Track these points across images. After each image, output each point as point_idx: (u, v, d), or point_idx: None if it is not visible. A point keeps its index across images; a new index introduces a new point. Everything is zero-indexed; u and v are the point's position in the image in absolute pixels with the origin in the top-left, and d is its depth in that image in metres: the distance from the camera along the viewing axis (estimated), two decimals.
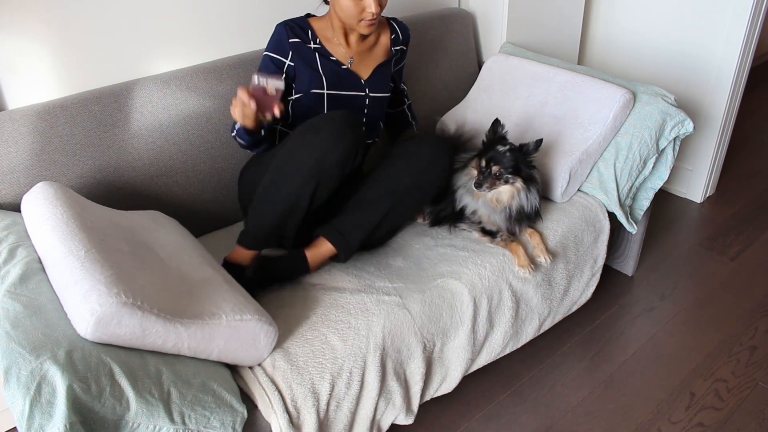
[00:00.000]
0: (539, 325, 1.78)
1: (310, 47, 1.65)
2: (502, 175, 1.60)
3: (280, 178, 1.45)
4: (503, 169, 1.59)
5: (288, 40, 1.62)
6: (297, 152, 1.43)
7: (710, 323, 2.06)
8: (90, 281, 1.07)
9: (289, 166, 1.44)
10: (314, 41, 1.66)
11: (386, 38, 1.77)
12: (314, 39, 1.66)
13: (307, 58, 1.64)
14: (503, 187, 1.63)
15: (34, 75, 1.58)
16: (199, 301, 1.21)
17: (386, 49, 1.77)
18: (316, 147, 1.41)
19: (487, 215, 1.68)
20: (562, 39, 2.59)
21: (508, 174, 1.60)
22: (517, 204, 1.65)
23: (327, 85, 1.64)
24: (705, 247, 2.46)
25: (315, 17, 1.70)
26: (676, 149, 1.94)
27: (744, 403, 1.76)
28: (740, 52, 2.39)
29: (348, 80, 1.68)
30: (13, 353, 1.02)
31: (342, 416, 1.37)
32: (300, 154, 1.43)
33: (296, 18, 1.68)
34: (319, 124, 1.43)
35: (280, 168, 1.46)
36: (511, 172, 1.60)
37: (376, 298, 1.48)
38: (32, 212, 1.29)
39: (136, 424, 1.04)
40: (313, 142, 1.41)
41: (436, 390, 1.59)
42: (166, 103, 1.68)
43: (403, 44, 1.80)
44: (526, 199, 1.65)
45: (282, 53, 1.63)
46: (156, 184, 1.70)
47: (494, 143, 1.64)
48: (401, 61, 1.84)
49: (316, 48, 1.65)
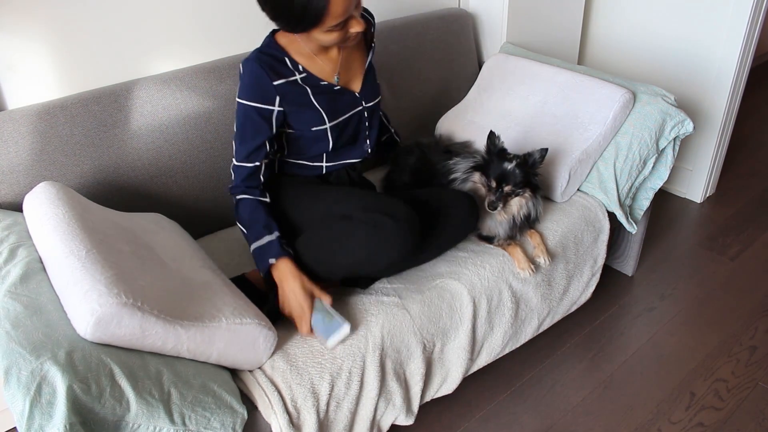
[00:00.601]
0: (538, 324, 1.78)
1: (297, 80, 1.43)
2: (514, 192, 1.61)
3: (334, 258, 1.40)
4: (515, 186, 1.59)
5: (271, 83, 1.39)
6: (357, 250, 1.37)
7: (710, 323, 2.06)
8: (90, 281, 1.07)
9: (345, 256, 1.39)
10: (297, 70, 1.43)
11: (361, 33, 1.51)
12: (296, 67, 1.43)
13: (297, 100, 1.43)
14: (513, 200, 1.64)
15: (34, 75, 1.58)
16: (200, 303, 1.21)
17: (362, 46, 1.58)
18: (383, 259, 1.37)
19: (489, 226, 1.67)
20: (562, 39, 2.59)
21: (519, 189, 1.61)
22: (524, 212, 1.66)
23: (328, 119, 1.49)
24: (705, 247, 2.46)
25: (279, 32, 1.46)
26: (676, 149, 1.94)
27: (744, 403, 1.76)
28: (740, 52, 2.39)
29: (343, 101, 1.52)
30: (14, 353, 1.02)
31: (342, 416, 1.37)
32: (359, 253, 1.37)
33: (264, 47, 1.43)
34: (387, 233, 1.35)
35: (338, 251, 1.39)
36: (521, 186, 1.61)
37: (374, 298, 1.48)
38: (34, 212, 1.29)
39: (137, 425, 1.04)
40: (379, 248, 1.36)
41: (437, 391, 1.59)
42: (166, 103, 1.68)
43: (372, 34, 1.61)
44: (533, 206, 1.67)
45: (267, 101, 1.40)
46: (156, 184, 1.70)
47: (496, 156, 1.62)
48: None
49: (302, 78, 1.44)
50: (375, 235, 1.35)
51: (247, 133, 1.44)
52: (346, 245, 1.38)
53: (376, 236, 1.35)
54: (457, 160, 1.74)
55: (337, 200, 1.49)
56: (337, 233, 1.40)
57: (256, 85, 1.40)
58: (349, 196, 1.49)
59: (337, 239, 1.40)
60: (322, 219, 1.46)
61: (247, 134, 1.44)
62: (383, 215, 1.35)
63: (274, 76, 1.40)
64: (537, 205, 1.67)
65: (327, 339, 1.34)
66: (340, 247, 1.39)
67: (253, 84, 1.40)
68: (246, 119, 1.42)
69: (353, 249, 1.38)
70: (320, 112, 1.47)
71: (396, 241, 1.35)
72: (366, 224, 1.35)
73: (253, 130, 1.43)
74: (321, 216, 1.47)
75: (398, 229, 1.35)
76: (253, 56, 1.41)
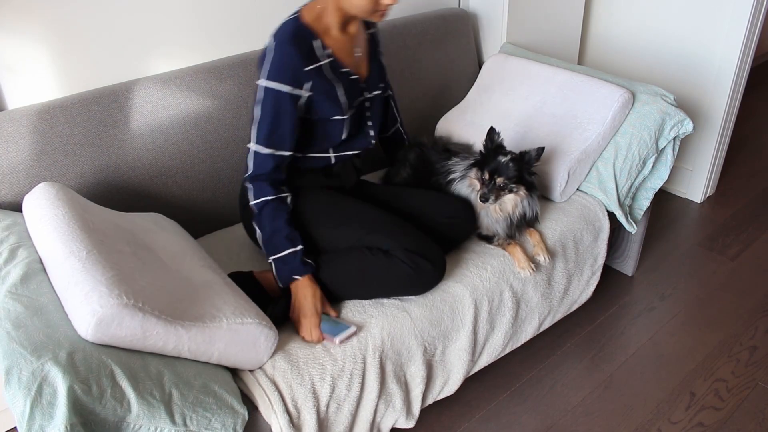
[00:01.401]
0: (539, 324, 1.78)
1: (323, 67, 1.41)
2: (506, 185, 1.60)
3: (364, 287, 1.47)
4: (507, 179, 1.59)
5: (303, 69, 1.37)
6: (394, 286, 1.47)
7: (710, 323, 2.06)
8: (91, 282, 1.07)
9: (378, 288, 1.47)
10: (326, 54, 1.42)
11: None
12: (325, 50, 1.42)
13: (323, 87, 1.42)
14: (507, 197, 1.63)
15: (34, 75, 1.58)
16: (200, 303, 1.21)
17: (366, 39, 1.59)
18: (412, 293, 1.49)
19: (487, 224, 1.68)
20: (562, 39, 2.59)
21: (512, 184, 1.60)
22: (520, 211, 1.66)
23: (346, 109, 1.49)
24: (705, 247, 2.46)
25: (306, 13, 1.42)
26: (675, 149, 1.94)
27: (744, 403, 1.76)
28: (740, 52, 2.39)
29: (355, 90, 1.52)
30: (15, 354, 1.02)
31: (342, 418, 1.37)
32: (395, 288, 1.48)
33: (296, 28, 1.38)
34: (427, 277, 1.47)
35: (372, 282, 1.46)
36: (514, 181, 1.60)
37: (374, 300, 1.48)
38: (34, 213, 1.28)
39: (138, 426, 1.04)
40: (414, 286, 1.47)
41: (438, 393, 1.59)
42: (166, 103, 1.68)
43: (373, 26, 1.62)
44: (528, 206, 1.66)
45: (299, 85, 1.38)
46: (156, 184, 1.70)
47: (493, 152, 1.63)
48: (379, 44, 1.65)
49: (329, 63, 1.43)
50: (416, 276, 1.45)
51: (278, 119, 1.39)
52: (383, 280, 1.46)
53: (416, 278, 1.45)
54: (456, 160, 1.74)
55: (368, 228, 1.50)
56: (374, 267, 1.45)
57: (290, 69, 1.36)
58: (380, 225, 1.51)
59: (372, 272, 1.45)
60: (352, 246, 1.49)
61: (278, 120, 1.39)
62: (424, 259, 1.45)
63: (307, 61, 1.38)
64: (533, 204, 1.67)
65: (335, 336, 1.36)
66: (374, 280, 1.46)
67: (287, 66, 1.35)
68: (277, 103, 1.37)
69: (390, 284, 1.46)
70: (341, 101, 1.47)
71: (432, 283, 1.50)
72: (407, 265, 1.44)
73: (285, 116, 1.39)
74: (350, 242, 1.49)
75: (435, 272, 1.48)
76: (287, 37, 1.35)
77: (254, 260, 1.66)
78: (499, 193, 1.61)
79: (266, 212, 1.43)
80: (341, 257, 1.47)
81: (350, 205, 1.56)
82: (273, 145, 1.41)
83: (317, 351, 1.35)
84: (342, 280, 1.46)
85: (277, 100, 1.37)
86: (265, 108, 1.38)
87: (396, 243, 1.45)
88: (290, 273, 1.42)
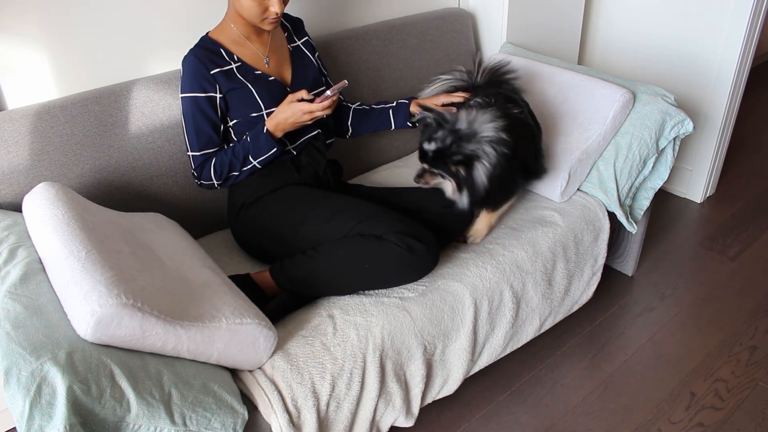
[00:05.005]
0: (540, 324, 1.78)
1: (232, 70, 1.55)
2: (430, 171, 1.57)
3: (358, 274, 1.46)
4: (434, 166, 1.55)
5: (209, 72, 1.52)
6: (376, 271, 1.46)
7: (710, 323, 2.06)
8: (90, 282, 1.07)
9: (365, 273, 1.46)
10: (232, 59, 1.56)
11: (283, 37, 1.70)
12: (231, 56, 1.56)
13: (234, 86, 1.55)
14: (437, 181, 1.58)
15: (34, 75, 1.58)
16: (200, 303, 1.21)
17: (285, 40, 1.70)
18: (406, 279, 1.49)
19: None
20: (562, 39, 2.59)
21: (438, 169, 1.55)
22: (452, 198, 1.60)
23: (264, 106, 1.57)
24: (705, 247, 2.46)
25: (213, 32, 1.59)
26: (675, 149, 1.94)
27: (744, 403, 1.76)
28: (740, 52, 2.39)
29: (276, 91, 1.60)
30: (14, 354, 1.02)
31: (342, 417, 1.37)
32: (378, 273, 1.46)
33: (199, 43, 1.56)
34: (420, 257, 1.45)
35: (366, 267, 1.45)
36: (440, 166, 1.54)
37: (374, 299, 1.48)
38: (33, 213, 1.28)
39: (137, 426, 1.04)
40: (409, 269, 1.47)
41: (438, 392, 1.59)
42: (166, 103, 1.68)
43: (305, 35, 1.74)
44: (459, 199, 1.58)
45: (208, 89, 1.52)
46: (156, 184, 1.70)
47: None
48: (315, 50, 1.76)
49: (238, 67, 1.56)
50: (409, 257, 1.44)
51: (199, 124, 1.54)
52: (376, 264, 1.44)
53: (410, 259, 1.45)
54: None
55: (359, 218, 1.50)
56: (367, 252, 1.45)
57: (197, 77, 1.52)
58: (370, 213, 1.51)
59: (365, 257, 1.45)
60: (345, 235, 1.49)
61: (199, 124, 1.54)
62: (416, 240, 1.45)
63: (212, 66, 1.53)
64: (462, 197, 1.56)
65: (326, 91, 1.48)
66: (367, 264, 1.45)
67: (194, 76, 1.52)
68: (194, 110, 1.53)
69: (384, 269, 1.45)
70: (256, 98, 1.56)
71: (426, 266, 1.48)
72: (400, 247, 1.43)
73: (205, 118, 1.54)
74: (343, 234, 1.50)
75: (428, 253, 1.47)
76: (189, 53, 1.54)
77: (253, 261, 1.66)
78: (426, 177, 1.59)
79: (219, 164, 1.56)
80: (334, 244, 1.48)
81: (340, 199, 1.57)
82: (203, 147, 1.57)
83: (317, 350, 1.35)
84: (336, 267, 1.45)
85: (194, 107, 1.53)
86: (187, 117, 1.55)
87: (387, 227, 1.46)
88: (268, 141, 1.52)
